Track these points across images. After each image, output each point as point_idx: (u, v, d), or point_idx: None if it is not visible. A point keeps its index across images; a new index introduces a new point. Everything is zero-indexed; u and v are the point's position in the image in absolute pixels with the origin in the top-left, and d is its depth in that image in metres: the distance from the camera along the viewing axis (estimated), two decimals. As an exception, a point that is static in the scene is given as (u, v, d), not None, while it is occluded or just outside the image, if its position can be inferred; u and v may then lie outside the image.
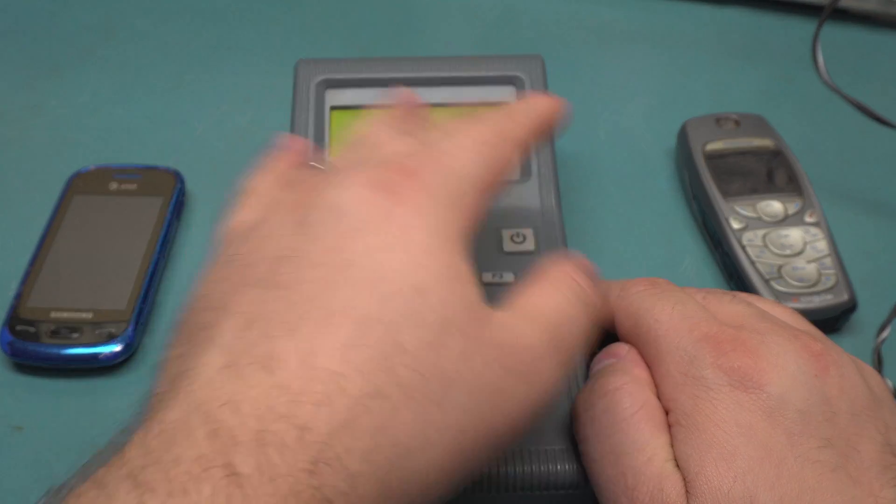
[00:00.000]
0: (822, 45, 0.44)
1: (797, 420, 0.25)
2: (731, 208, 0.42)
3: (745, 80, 0.54)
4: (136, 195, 0.44)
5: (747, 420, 0.25)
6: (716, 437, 0.26)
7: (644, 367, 0.29)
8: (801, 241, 0.40)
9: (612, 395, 0.28)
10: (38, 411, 0.37)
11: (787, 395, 0.26)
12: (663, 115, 0.51)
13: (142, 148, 0.49)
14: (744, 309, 0.29)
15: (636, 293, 0.31)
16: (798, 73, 0.53)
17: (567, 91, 0.53)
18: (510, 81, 0.42)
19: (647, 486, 0.26)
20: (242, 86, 0.54)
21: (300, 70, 0.42)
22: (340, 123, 0.41)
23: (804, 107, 0.52)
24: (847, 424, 0.26)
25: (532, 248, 0.37)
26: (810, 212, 0.42)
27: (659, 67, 0.56)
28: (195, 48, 0.57)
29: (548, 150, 0.41)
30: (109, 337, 0.38)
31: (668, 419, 0.27)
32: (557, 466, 0.30)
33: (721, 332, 0.28)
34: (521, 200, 0.39)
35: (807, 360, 0.27)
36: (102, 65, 0.55)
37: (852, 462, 0.25)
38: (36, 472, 0.35)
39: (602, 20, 0.59)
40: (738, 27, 0.58)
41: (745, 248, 0.40)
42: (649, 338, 0.29)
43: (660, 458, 0.26)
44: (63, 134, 0.50)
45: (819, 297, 0.39)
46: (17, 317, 0.38)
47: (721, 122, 0.46)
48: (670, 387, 0.27)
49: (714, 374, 0.27)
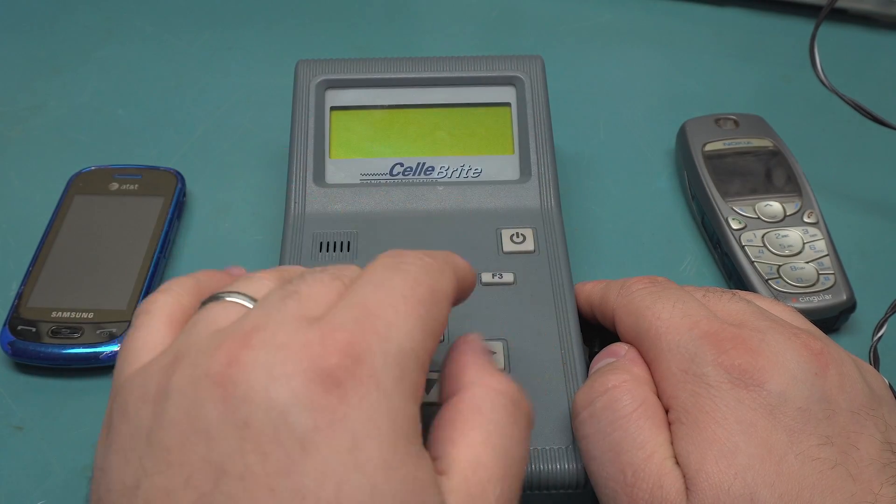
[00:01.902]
0: (821, 46, 0.44)
1: (797, 418, 0.26)
2: (731, 208, 0.42)
3: (744, 80, 0.55)
4: (136, 195, 0.44)
5: (748, 417, 0.26)
6: (716, 435, 0.26)
7: (643, 366, 0.29)
8: (799, 242, 0.41)
9: (611, 392, 0.28)
10: (39, 411, 0.37)
11: (787, 392, 0.26)
12: (663, 115, 0.51)
13: (142, 148, 0.49)
14: (744, 307, 0.30)
15: (636, 291, 0.31)
16: (797, 74, 0.53)
17: (567, 91, 0.53)
18: (510, 81, 0.42)
19: (647, 484, 0.26)
20: (242, 86, 0.54)
21: (300, 70, 0.42)
22: (340, 123, 0.42)
23: (803, 107, 0.52)
24: (846, 422, 0.26)
25: (532, 248, 0.37)
26: (809, 212, 0.42)
27: (659, 67, 0.56)
28: (195, 48, 0.57)
29: (548, 150, 0.41)
30: (110, 337, 0.38)
31: (668, 417, 0.27)
32: (557, 466, 0.30)
33: (722, 330, 0.28)
34: (521, 200, 0.39)
35: (807, 359, 0.27)
36: (102, 65, 0.55)
37: (852, 460, 0.25)
38: (36, 472, 0.35)
39: (602, 20, 0.59)
40: (738, 27, 0.59)
41: (745, 248, 0.40)
42: (650, 335, 0.29)
43: (659, 455, 0.26)
44: (63, 134, 0.50)
45: (818, 297, 0.39)
46: (18, 317, 0.38)
47: (720, 123, 0.47)
48: (670, 384, 0.28)
49: (714, 372, 0.27)
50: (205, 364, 0.22)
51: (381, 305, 0.23)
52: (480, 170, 0.41)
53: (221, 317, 0.24)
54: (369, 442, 0.21)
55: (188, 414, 0.21)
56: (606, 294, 0.33)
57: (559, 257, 0.37)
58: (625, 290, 0.31)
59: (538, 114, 0.41)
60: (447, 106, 0.42)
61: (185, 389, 0.22)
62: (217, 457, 0.20)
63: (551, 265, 0.37)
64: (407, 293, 0.24)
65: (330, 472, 0.20)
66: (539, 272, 0.36)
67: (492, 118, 0.42)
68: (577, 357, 0.33)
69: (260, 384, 0.21)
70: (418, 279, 0.24)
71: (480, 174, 0.40)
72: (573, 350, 0.33)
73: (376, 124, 0.42)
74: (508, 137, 0.41)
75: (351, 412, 0.21)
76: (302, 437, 0.20)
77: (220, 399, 0.21)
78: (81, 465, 0.35)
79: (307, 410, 0.21)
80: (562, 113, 0.49)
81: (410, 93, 0.42)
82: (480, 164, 0.41)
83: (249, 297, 0.25)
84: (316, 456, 0.20)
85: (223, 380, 0.21)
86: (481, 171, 0.41)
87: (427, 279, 0.25)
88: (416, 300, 0.24)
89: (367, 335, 0.22)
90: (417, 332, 0.23)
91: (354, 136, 0.41)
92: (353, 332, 0.22)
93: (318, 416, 0.21)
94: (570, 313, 0.35)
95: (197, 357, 0.22)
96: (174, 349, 0.23)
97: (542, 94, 0.42)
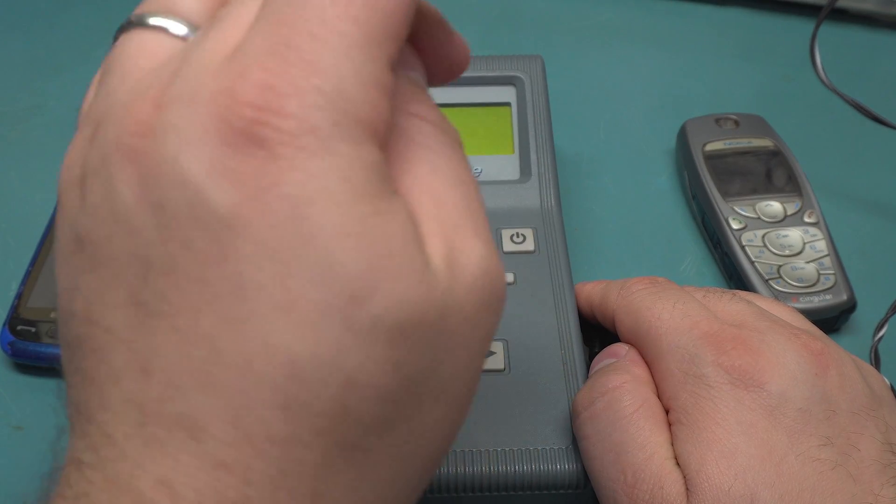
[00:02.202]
0: (821, 46, 0.44)
1: (797, 418, 0.25)
2: (731, 208, 0.42)
3: (744, 80, 0.54)
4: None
5: (748, 418, 0.26)
6: (716, 435, 0.26)
7: (644, 367, 0.29)
8: (800, 242, 0.41)
9: (611, 393, 0.28)
10: (38, 411, 0.37)
11: (787, 393, 0.26)
12: (663, 115, 0.51)
13: (142, 148, 0.49)
14: (744, 307, 0.30)
15: (636, 291, 0.31)
16: (797, 74, 0.53)
17: (567, 91, 0.53)
18: (510, 81, 0.42)
19: (647, 484, 0.26)
20: (242, 86, 0.54)
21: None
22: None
23: (803, 107, 0.52)
24: (847, 423, 0.26)
25: (532, 248, 0.37)
26: (809, 212, 0.42)
27: (659, 67, 0.56)
28: (195, 48, 0.57)
29: (548, 150, 0.41)
30: (110, 337, 0.38)
31: (669, 417, 0.27)
32: (557, 466, 0.30)
33: (722, 331, 0.28)
34: (521, 200, 0.39)
35: (807, 359, 0.27)
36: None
37: (852, 460, 0.25)
38: (36, 472, 0.35)
39: (602, 20, 0.59)
40: (738, 27, 0.58)
41: (745, 249, 0.40)
42: (650, 336, 0.29)
43: (660, 455, 0.26)
44: (63, 134, 0.50)
45: (818, 298, 0.39)
46: (17, 317, 0.38)
47: (721, 123, 0.46)
48: (671, 385, 0.28)
49: (715, 372, 0.27)
50: (115, 133, 0.17)
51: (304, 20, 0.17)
52: (480, 170, 0.41)
53: (142, 55, 0.19)
54: (313, 207, 0.16)
55: (105, 199, 0.17)
56: (606, 294, 0.33)
57: (559, 257, 0.37)
58: (625, 291, 0.31)
59: (538, 114, 0.41)
60: (447, 106, 0.42)
61: (100, 169, 0.18)
62: (140, 249, 0.17)
63: (551, 265, 0.37)
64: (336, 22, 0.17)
65: (270, 253, 0.16)
66: (539, 272, 0.36)
67: (492, 118, 0.42)
68: (577, 357, 0.33)
69: (170, 154, 0.16)
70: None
71: (480, 174, 0.40)
72: (573, 350, 0.33)
73: (376, 124, 0.41)
74: (508, 137, 0.41)
75: (282, 175, 0.16)
76: (226, 214, 0.16)
77: (134, 178, 0.17)
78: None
79: (226, 181, 0.16)
80: (562, 113, 0.49)
81: (410, 93, 0.42)
82: (480, 164, 0.41)
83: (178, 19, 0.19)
84: (248, 236, 0.16)
85: (133, 153, 0.17)
86: (481, 171, 0.40)
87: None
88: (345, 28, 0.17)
89: (289, 69, 0.16)
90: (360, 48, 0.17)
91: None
92: (271, 69, 0.16)
93: (241, 187, 0.16)
94: (570, 313, 0.35)
95: (109, 125, 0.18)
96: (92, 113, 0.19)
97: (542, 94, 0.42)
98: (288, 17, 0.17)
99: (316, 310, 0.16)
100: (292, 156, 0.16)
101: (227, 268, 0.16)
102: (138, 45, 0.19)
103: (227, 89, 0.16)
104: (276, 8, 0.17)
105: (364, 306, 0.16)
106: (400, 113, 0.19)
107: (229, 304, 0.16)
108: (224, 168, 0.16)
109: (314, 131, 0.16)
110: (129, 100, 0.18)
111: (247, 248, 0.16)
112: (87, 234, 0.18)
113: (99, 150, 0.18)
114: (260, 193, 0.16)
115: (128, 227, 0.17)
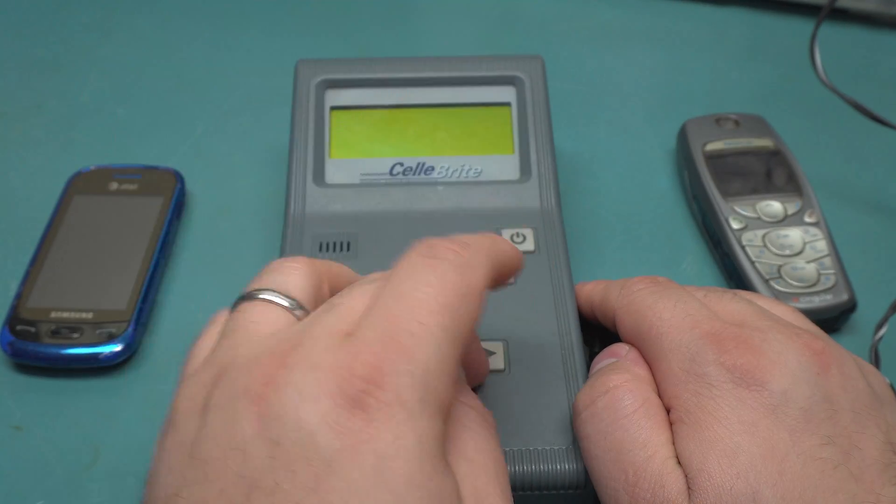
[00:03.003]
0: (821, 46, 0.44)
1: (799, 417, 0.25)
2: (731, 208, 0.42)
3: (744, 80, 0.55)
4: (136, 195, 0.44)
5: (750, 417, 0.26)
6: (718, 435, 0.26)
7: (645, 366, 0.29)
8: (800, 241, 0.41)
9: (612, 392, 0.28)
10: (38, 411, 0.37)
11: (789, 392, 0.26)
12: (663, 115, 0.51)
13: (142, 148, 0.49)
14: (745, 307, 0.30)
15: (637, 291, 0.31)
16: (797, 73, 0.53)
17: (567, 91, 0.53)
18: (510, 81, 0.42)
19: (649, 483, 0.26)
20: (242, 86, 0.54)
21: (300, 70, 0.42)
22: (340, 123, 0.41)
23: (803, 107, 0.52)
24: (848, 422, 0.26)
25: (532, 248, 0.37)
26: (810, 212, 0.42)
27: (659, 67, 0.56)
28: (195, 48, 0.57)
29: (548, 150, 0.41)
30: (110, 337, 0.38)
31: (670, 416, 0.27)
32: (558, 466, 0.30)
33: (723, 330, 0.28)
34: (521, 200, 0.39)
35: (808, 358, 0.27)
36: (102, 65, 0.55)
37: (854, 460, 0.25)
38: (36, 472, 0.35)
39: (602, 20, 0.59)
40: (738, 27, 0.59)
41: (745, 248, 0.40)
42: (651, 335, 0.29)
43: (661, 455, 0.26)
44: (63, 134, 0.50)
45: (819, 297, 0.39)
46: (17, 317, 0.38)
47: (721, 123, 0.46)
48: (672, 384, 0.28)
49: (716, 372, 0.27)
50: (244, 381, 0.23)
51: (407, 320, 0.23)
52: (480, 170, 0.41)
53: (261, 321, 0.25)
54: (394, 462, 0.21)
55: (226, 429, 0.22)
56: (607, 294, 0.32)
57: (559, 257, 0.37)
58: (626, 290, 0.31)
59: (538, 114, 0.41)
60: (447, 106, 0.42)
61: (225, 406, 0.23)
62: (250, 472, 0.21)
63: (551, 265, 0.37)
64: (432, 305, 0.23)
65: (355, 491, 0.21)
66: (539, 272, 0.36)
67: (492, 118, 0.42)
68: (577, 357, 0.33)
69: (292, 404, 0.22)
70: (446, 282, 0.24)
71: (481, 174, 0.40)
72: (573, 350, 0.33)
73: (376, 124, 0.42)
74: (508, 137, 0.41)
75: (376, 434, 0.21)
76: (329, 457, 0.21)
77: (256, 417, 0.22)
78: (82, 465, 0.35)
79: (334, 432, 0.21)
80: (562, 113, 0.49)
81: (410, 92, 0.42)
82: (480, 164, 0.41)
83: (282, 294, 0.26)
84: (341, 475, 0.21)
85: (259, 399, 0.22)
86: (481, 171, 0.40)
87: (457, 278, 0.24)
88: (441, 308, 0.23)
89: (392, 356, 0.22)
90: (445, 345, 0.23)
91: (354, 135, 0.41)
92: (379, 354, 0.22)
93: (345, 438, 0.21)
94: (570, 313, 0.35)
95: (237, 374, 0.23)
96: (218, 360, 0.24)
97: (542, 94, 0.42)
98: (395, 315, 0.23)
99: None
100: (386, 420, 0.21)
101: (320, 496, 0.21)
102: (260, 314, 0.25)
103: (345, 365, 0.22)
104: (386, 304, 0.23)
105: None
106: (454, 399, 0.25)
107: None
108: (334, 422, 0.21)
109: (404, 404, 0.22)
110: (256, 355, 0.23)
111: (340, 484, 0.21)
112: (203, 453, 0.22)
113: (225, 391, 0.23)
114: (358, 445, 0.21)
115: (243, 454, 0.22)
